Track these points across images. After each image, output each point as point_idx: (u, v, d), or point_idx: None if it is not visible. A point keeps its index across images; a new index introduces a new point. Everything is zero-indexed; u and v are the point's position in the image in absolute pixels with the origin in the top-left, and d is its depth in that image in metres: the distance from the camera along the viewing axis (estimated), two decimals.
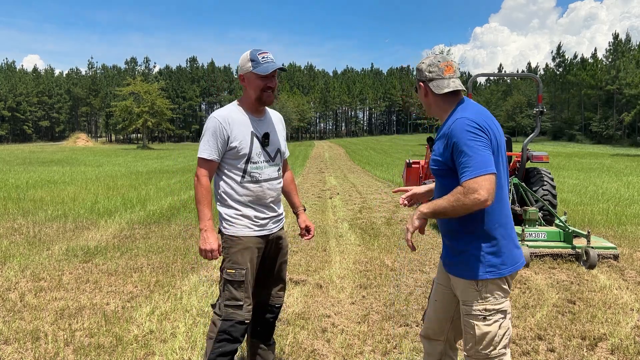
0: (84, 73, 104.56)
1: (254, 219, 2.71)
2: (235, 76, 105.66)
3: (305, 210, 3.12)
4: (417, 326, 3.97)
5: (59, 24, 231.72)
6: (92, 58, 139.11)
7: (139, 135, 76.30)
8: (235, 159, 2.66)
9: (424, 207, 2.16)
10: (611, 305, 4.47)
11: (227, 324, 2.61)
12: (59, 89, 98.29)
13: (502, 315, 2.17)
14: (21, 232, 7.66)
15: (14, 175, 17.91)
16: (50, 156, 34.58)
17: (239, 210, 2.68)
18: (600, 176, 18.05)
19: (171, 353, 3.44)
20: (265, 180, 2.74)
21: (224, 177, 2.70)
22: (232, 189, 2.68)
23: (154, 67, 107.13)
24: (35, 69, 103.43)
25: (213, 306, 2.72)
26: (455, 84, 2.22)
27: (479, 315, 2.15)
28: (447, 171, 2.16)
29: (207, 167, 2.65)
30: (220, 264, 2.75)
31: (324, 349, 3.55)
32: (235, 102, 2.77)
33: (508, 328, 2.19)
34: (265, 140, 2.73)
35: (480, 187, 1.98)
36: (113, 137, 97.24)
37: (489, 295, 2.15)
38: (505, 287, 2.18)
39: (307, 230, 3.05)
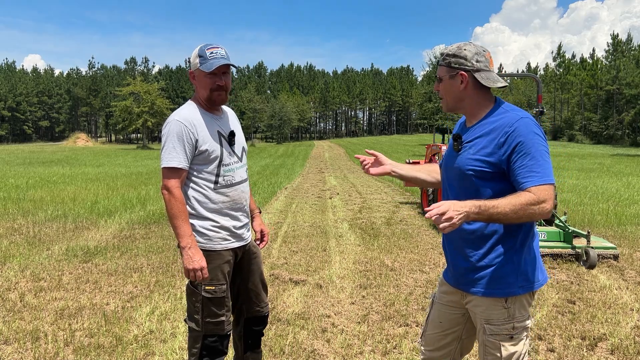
0: (84, 73, 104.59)
1: (232, 229, 2.54)
2: (236, 76, 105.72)
3: (260, 212, 2.91)
4: (417, 326, 3.97)
5: (59, 24, 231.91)
6: (92, 58, 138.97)
7: (138, 135, 76.29)
8: (205, 164, 2.45)
9: (475, 209, 1.77)
10: (611, 305, 4.47)
11: (210, 340, 2.49)
12: (59, 89, 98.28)
13: (526, 333, 2.00)
14: (21, 232, 7.66)
15: (14, 175, 17.92)
16: (50, 156, 34.58)
17: (216, 222, 2.49)
18: (600, 176, 18.06)
19: (171, 353, 3.44)
20: (239, 183, 2.57)
21: (193, 185, 2.46)
22: (206, 196, 2.46)
23: (153, 66, 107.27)
24: (35, 69, 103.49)
25: (188, 321, 2.54)
26: (502, 80, 1.98)
27: (507, 334, 1.95)
28: (494, 174, 1.90)
29: (178, 176, 2.39)
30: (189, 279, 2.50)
31: (324, 349, 3.55)
32: (190, 102, 2.54)
33: (529, 346, 2.05)
34: (231, 139, 2.55)
35: (549, 196, 1.80)
36: (113, 137, 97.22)
37: (516, 312, 1.95)
38: (532, 301, 2.02)
39: (262, 235, 2.84)
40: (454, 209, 1.73)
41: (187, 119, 2.42)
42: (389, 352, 3.51)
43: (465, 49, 1.98)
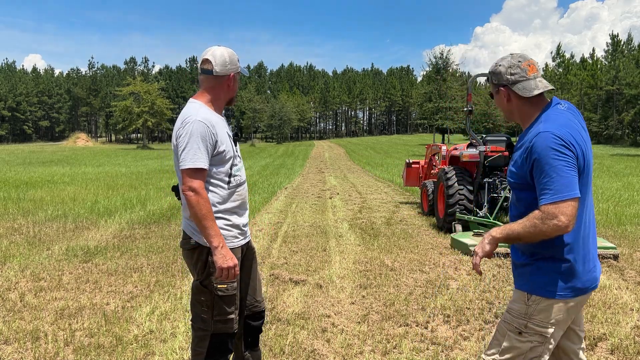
0: (84, 73, 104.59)
1: (241, 227, 2.57)
2: None
3: None
4: (416, 326, 3.97)
5: (59, 24, 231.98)
6: (92, 58, 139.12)
7: (139, 135, 76.34)
8: (221, 164, 2.46)
9: (497, 232, 1.99)
10: (611, 305, 4.46)
11: (218, 338, 2.50)
12: (59, 89, 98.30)
13: (540, 341, 1.98)
14: (21, 232, 7.66)
15: (14, 175, 17.92)
16: (50, 156, 34.59)
17: (229, 220, 2.50)
18: (600, 176, 18.05)
19: (171, 353, 3.44)
20: (245, 182, 2.64)
21: (209, 185, 2.45)
22: (221, 196, 2.48)
23: (153, 66, 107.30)
24: (35, 69, 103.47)
25: (194, 321, 2.54)
26: (544, 84, 2.01)
27: (516, 328, 2.00)
28: (526, 185, 1.98)
29: (203, 177, 2.38)
30: (198, 279, 2.51)
31: (324, 349, 3.55)
32: (200, 102, 2.51)
33: (541, 355, 2.00)
34: (235, 139, 2.62)
35: (561, 212, 1.82)
36: (113, 137, 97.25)
37: (535, 313, 1.97)
38: (561, 314, 1.98)
39: None
40: (481, 242, 2.05)
41: (208, 119, 2.41)
42: (389, 352, 3.51)
43: (500, 65, 2.07)
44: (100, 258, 6.07)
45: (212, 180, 2.47)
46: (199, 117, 2.39)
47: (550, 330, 1.98)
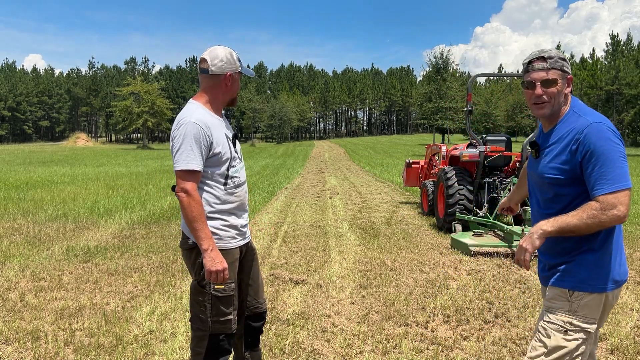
0: (84, 73, 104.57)
1: (239, 228, 2.57)
2: None
3: None
4: (416, 326, 3.97)
5: (59, 24, 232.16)
6: (92, 58, 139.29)
7: (139, 135, 76.33)
8: (217, 166, 2.46)
9: (548, 225, 1.92)
10: None
11: (217, 339, 2.50)
12: (59, 89, 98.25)
13: (585, 337, 1.96)
14: (21, 232, 7.66)
15: (14, 175, 17.92)
16: (51, 156, 34.60)
17: (226, 221, 2.50)
18: None
19: (171, 353, 3.44)
20: (244, 183, 2.63)
21: (205, 187, 2.45)
22: (217, 197, 2.47)
23: (153, 66, 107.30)
24: (35, 69, 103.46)
25: (193, 321, 2.54)
26: None
27: (561, 327, 1.96)
28: (571, 180, 1.94)
29: (195, 179, 2.38)
30: (196, 279, 2.51)
31: (324, 349, 3.55)
32: (198, 103, 2.50)
33: (584, 353, 1.97)
34: (234, 140, 2.61)
35: (620, 202, 1.83)
36: (113, 137, 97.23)
37: (579, 309, 1.95)
38: (602, 308, 1.98)
39: None
40: (529, 237, 1.94)
41: (202, 120, 2.40)
42: (389, 352, 3.51)
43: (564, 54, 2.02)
44: (100, 258, 6.07)
45: (208, 182, 2.46)
46: (193, 119, 2.39)
47: (594, 326, 1.98)
